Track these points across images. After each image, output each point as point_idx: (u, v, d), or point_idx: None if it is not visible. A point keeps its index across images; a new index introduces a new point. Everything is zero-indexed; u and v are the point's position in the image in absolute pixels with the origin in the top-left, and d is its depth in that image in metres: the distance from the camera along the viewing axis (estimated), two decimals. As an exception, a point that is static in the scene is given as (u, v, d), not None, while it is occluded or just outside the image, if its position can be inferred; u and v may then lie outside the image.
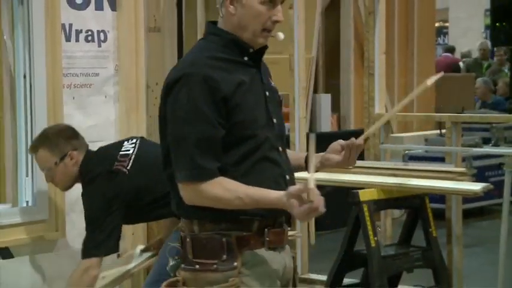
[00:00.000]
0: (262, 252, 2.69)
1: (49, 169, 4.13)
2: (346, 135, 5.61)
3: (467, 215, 7.40)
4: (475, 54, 15.54)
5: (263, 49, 2.79)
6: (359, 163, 5.84)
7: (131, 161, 4.05)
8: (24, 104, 4.39)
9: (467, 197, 6.09)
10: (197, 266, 2.67)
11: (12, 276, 4.17)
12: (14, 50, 4.49)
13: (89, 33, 4.69)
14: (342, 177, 5.67)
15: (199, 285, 2.65)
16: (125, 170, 4.02)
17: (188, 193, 2.64)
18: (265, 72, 2.86)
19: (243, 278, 2.64)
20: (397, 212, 7.16)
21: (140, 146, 4.14)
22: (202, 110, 2.58)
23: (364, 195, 5.44)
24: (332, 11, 9.41)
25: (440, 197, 6.36)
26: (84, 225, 4.11)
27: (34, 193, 4.35)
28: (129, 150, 4.12)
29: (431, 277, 5.68)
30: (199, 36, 9.51)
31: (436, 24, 13.22)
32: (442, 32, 20.08)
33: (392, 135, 6.97)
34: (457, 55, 16.38)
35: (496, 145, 8.92)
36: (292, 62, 6.31)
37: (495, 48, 14.11)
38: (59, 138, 4.12)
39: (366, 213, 5.38)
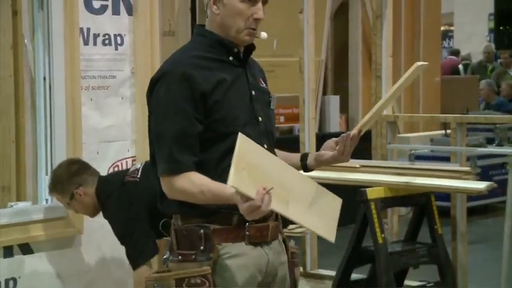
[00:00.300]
0: (242, 246, 2.68)
1: (68, 206, 4.22)
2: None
3: (472, 212, 7.40)
4: (476, 57, 15.49)
5: (250, 50, 2.79)
6: (367, 162, 5.89)
7: (139, 171, 4.08)
8: (43, 104, 4.41)
9: (472, 195, 6.09)
10: (180, 257, 2.69)
11: (32, 271, 4.18)
12: (34, 53, 4.50)
13: (106, 37, 4.71)
14: (350, 176, 5.67)
15: None
16: (135, 179, 4.04)
17: (166, 187, 2.66)
18: (255, 73, 2.84)
19: (216, 268, 2.64)
20: (403, 210, 7.16)
21: (147, 162, 4.17)
22: (180, 106, 2.60)
23: (372, 193, 5.44)
24: (341, 15, 9.41)
25: (445, 195, 6.36)
26: (100, 221, 4.14)
27: (53, 191, 4.36)
28: (137, 166, 4.15)
29: (436, 273, 5.68)
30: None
31: (442, 28, 13.18)
32: (447, 35, 20.04)
33: (398, 135, 6.96)
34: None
35: (499, 145, 8.91)
36: (302, 64, 6.33)
37: (498, 51, 14.10)
38: (63, 181, 4.15)
39: (374, 211, 5.38)
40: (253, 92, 2.76)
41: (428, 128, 9.60)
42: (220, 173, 2.59)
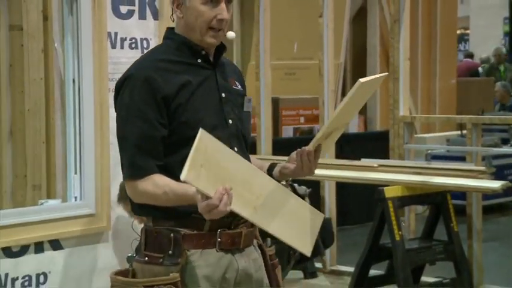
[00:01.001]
0: (212, 253, 2.54)
1: (130, 214, 4.23)
2: (372, 136, 5.62)
3: (487, 211, 7.34)
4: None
5: (221, 51, 2.67)
6: (384, 162, 5.86)
7: None
8: (73, 106, 4.41)
9: (487, 194, 6.06)
10: (146, 258, 2.56)
11: (62, 266, 4.19)
12: (64, 56, 4.52)
13: (133, 40, 4.71)
14: (368, 175, 5.67)
15: (146, 276, 2.54)
16: None
17: (129, 190, 2.56)
18: (228, 75, 2.71)
19: (184, 277, 2.51)
20: (420, 208, 7.12)
21: None
22: (142, 110, 2.50)
23: (389, 192, 5.43)
24: (359, 20, 9.38)
25: (461, 193, 6.32)
26: (128, 217, 4.17)
27: (82, 189, 4.38)
28: None
29: (452, 269, 5.66)
30: (235, 42, 9.54)
31: (458, 32, 13.11)
32: (463, 38, 19.94)
33: (415, 135, 6.93)
34: (476, 60, 16.29)
35: (514, 145, 8.85)
36: (322, 67, 6.33)
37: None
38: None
39: (391, 209, 5.37)
40: (223, 94, 2.63)
41: (444, 129, 9.55)
42: None
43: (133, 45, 4.72)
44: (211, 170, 2.34)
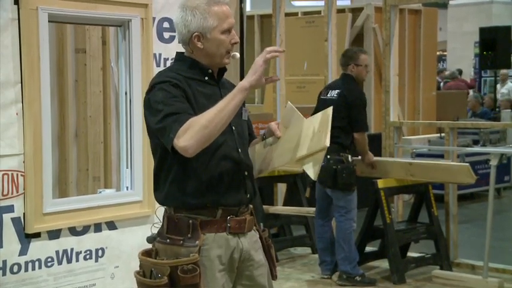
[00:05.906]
0: (223, 235, 2.52)
1: None
2: (368, 137, 5.56)
3: (461, 199, 7.28)
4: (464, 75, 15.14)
5: (223, 71, 2.64)
6: (378, 159, 5.80)
7: None
8: (125, 113, 4.39)
9: (461, 185, 6.00)
10: (168, 240, 2.52)
11: (116, 243, 4.18)
12: (119, 73, 4.50)
13: (173, 60, 4.68)
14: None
15: (168, 255, 2.50)
16: None
17: (181, 142, 2.34)
18: (228, 90, 2.57)
19: (200, 255, 2.47)
20: (406, 196, 7.07)
21: None
22: (176, 95, 2.44)
23: (382, 183, 5.41)
24: (357, 43, 9.32)
25: (440, 184, 6.27)
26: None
27: (132, 180, 4.36)
28: None
29: (433, 246, 5.62)
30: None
31: (437, 53, 13.00)
32: (441, 59, 19.80)
33: (403, 137, 6.87)
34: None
35: (483, 145, 8.79)
36: (327, 82, 6.27)
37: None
38: None
39: (383, 197, 5.34)
40: None
41: (426, 132, 9.49)
42: (205, 172, 2.46)
43: (174, 64, 4.69)
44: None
